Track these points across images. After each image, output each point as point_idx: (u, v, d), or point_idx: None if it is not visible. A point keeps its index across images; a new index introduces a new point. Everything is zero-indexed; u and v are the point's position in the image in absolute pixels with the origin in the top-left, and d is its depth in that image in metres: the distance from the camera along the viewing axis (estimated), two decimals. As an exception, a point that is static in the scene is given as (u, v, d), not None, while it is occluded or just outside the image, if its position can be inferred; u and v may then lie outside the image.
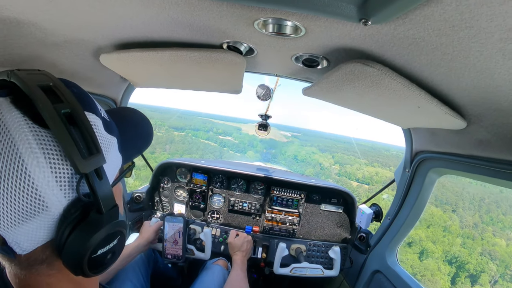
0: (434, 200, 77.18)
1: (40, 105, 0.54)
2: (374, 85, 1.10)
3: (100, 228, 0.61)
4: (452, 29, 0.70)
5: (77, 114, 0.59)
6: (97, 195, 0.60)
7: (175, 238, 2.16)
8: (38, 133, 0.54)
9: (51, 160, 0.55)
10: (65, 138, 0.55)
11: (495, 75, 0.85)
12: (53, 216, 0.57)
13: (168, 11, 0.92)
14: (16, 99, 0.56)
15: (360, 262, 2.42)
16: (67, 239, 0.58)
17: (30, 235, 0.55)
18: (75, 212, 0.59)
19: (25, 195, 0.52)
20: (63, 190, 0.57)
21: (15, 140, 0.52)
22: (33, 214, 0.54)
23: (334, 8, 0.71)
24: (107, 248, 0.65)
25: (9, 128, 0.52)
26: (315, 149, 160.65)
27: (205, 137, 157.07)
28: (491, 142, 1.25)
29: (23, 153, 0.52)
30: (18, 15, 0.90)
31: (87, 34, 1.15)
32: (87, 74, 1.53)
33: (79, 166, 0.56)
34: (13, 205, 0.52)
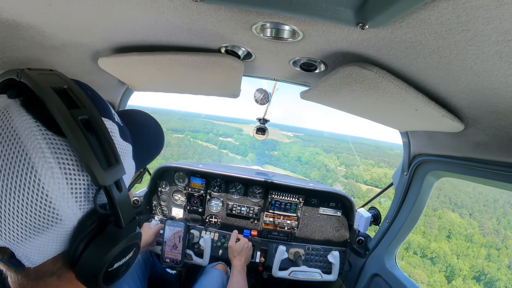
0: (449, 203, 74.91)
1: (55, 110, 0.50)
2: (371, 88, 1.11)
3: (119, 242, 0.58)
4: (449, 32, 0.71)
5: (95, 121, 0.55)
6: (117, 208, 0.56)
7: (175, 243, 2.15)
8: (52, 140, 0.50)
9: (67, 171, 0.51)
10: (84, 147, 0.51)
11: (492, 78, 0.85)
12: (67, 229, 0.53)
13: (167, 16, 0.92)
14: (26, 101, 0.52)
15: (359, 265, 2.41)
16: (83, 252, 0.54)
17: (42, 248, 0.52)
18: (91, 225, 0.55)
19: (37, 207, 0.49)
20: (78, 202, 0.53)
21: (27, 148, 0.48)
22: (46, 227, 0.50)
23: (332, 12, 0.71)
24: (123, 261, 0.63)
25: (20, 135, 0.48)
26: (319, 150, 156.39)
27: (205, 139, 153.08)
28: (488, 144, 1.25)
29: (36, 162, 0.48)
30: (17, 17, 0.90)
31: (86, 38, 1.15)
32: (85, 77, 1.53)
33: (99, 179, 0.52)
34: (25, 218, 0.48)
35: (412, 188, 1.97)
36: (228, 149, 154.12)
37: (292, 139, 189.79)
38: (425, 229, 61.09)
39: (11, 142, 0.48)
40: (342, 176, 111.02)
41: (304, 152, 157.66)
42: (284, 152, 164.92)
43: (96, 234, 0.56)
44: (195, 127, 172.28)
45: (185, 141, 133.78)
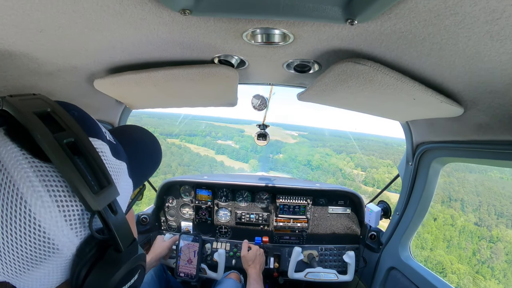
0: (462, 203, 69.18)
1: (38, 136, 0.48)
2: (367, 82, 1.11)
3: (120, 267, 0.56)
4: (438, 18, 0.71)
5: (81, 142, 0.53)
6: (113, 232, 0.54)
7: (190, 257, 2.15)
8: (40, 168, 0.49)
9: (57, 198, 0.49)
10: (71, 172, 0.49)
11: (485, 58, 0.86)
12: (66, 258, 0.51)
13: (157, 32, 0.93)
14: (10, 129, 0.50)
15: (374, 260, 2.39)
16: (85, 280, 0.52)
17: (43, 280, 0.50)
18: (90, 251, 0.53)
19: (31, 239, 0.47)
20: (74, 229, 0.51)
21: (14, 178, 0.46)
22: (43, 259, 0.48)
23: (319, 11, 0.72)
24: (128, 285, 0.61)
25: (5, 165, 0.46)
26: (329, 150, 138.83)
27: (202, 143, 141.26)
28: (490, 124, 1.25)
29: (25, 193, 0.46)
30: (9, 47, 0.91)
31: (79, 61, 1.16)
32: (83, 100, 1.54)
33: (91, 204, 0.50)
34: (20, 250, 0.46)
35: (418, 177, 1.97)
36: (227, 154, 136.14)
37: (297, 138, 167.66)
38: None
39: None
40: (361, 181, 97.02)
41: (314, 154, 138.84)
42: (291, 155, 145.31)
43: (97, 260, 0.54)
44: (192, 130, 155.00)
45: (173, 148, 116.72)
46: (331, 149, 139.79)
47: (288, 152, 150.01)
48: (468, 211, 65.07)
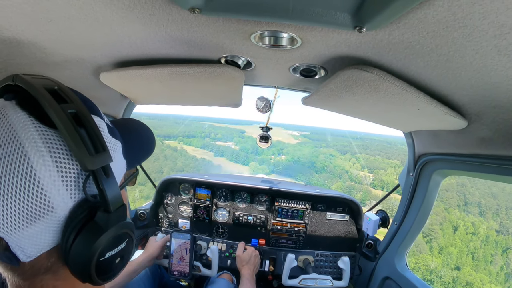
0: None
1: (46, 104, 0.54)
2: (372, 90, 1.11)
3: (108, 228, 0.59)
4: (446, 30, 0.71)
5: (83, 114, 0.58)
6: (104, 192, 0.58)
7: (182, 255, 2.14)
8: (44, 132, 0.54)
9: (57, 159, 0.54)
10: (72, 136, 0.54)
11: (492, 72, 0.85)
12: (59, 219, 0.55)
13: (166, 29, 0.94)
14: (21, 101, 0.56)
15: (370, 269, 2.39)
16: (74, 241, 0.56)
17: (35, 239, 0.53)
18: (81, 214, 0.57)
19: (30, 195, 0.51)
20: (69, 190, 0.55)
21: (21, 139, 0.52)
22: (39, 216, 0.52)
23: (329, 17, 0.72)
24: (115, 251, 0.63)
25: (14, 128, 0.52)
26: (333, 151, 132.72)
27: (200, 145, 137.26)
28: (493, 139, 1.25)
29: (29, 151, 0.51)
30: (18, 35, 0.91)
31: (87, 53, 1.17)
32: (88, 92, 1.53)
33: (86, 163, 0.54)
34: (18, 206, 0.51)
35: (418, 188, 1.96)
36: (226, 156, 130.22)
37: (299, 139, 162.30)
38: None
39: (7, 135, 0.52)
40: (369, 184, 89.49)
41: (317, 155, 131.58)
42: (294, 157, 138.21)
43: (86, 223, 0.57)
44: (191, 132, 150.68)
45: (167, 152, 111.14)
46: (335, 149, 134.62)
47: (291, 153, 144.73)
48: (488, 217, 62.53)
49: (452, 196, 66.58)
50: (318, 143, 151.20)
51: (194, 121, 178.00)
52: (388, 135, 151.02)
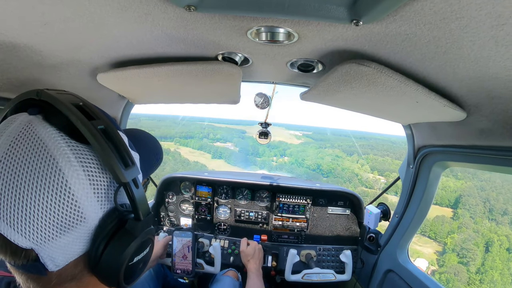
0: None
1: (78, 122, 0.57)
2: (370, 84, 1.11)
3: (138, 234, 0.63)
4: (443, 21, 0.71)
5: (111, 130, 0.62)
6: (136, 202, 0.62)
7: (184, 253, 2.15)
8: (75, 147, 0.57)
9: (89, 172, 0.57)
10: (105, 151, 0.58)
11: (490, 63, 0.85)
12: (89, 228, 0.58)
13: (162, 27, 0.93)
14: (48, 117, 0.58)
15: (372, 262, 2.39)
16: (105, 249, 0.59)
17: (66, 248, 0.56)
18: (112, 222, 0.61)
19: (65, 207, 0.54)
20: (99, 201, 0.59)
21: (54, 154, 0.54)
22: (72, 226, 0.55)
23: (325, 11, 0.72)
24: (141, 256, 0.67)
25: (46, 144, 0.54)
26: (338, 152, 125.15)
27: (197, 146, 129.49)
28: (492, 130, 1.25)
29: (63, 166, 0.54)
30: (13, 39, 0.91)
31: (83, 55, 1.16)
32: (86, 94, 1.54)
33: (120, 176, 0.59)
34: (53, 217, 0.53)
35: (419, 180, 1.97)
36: (224, 158, 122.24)
37: (302, 139, 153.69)
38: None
39: (39, 151, 0.54)
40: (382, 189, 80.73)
41: (323, 156, 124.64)
42: (298, 159, 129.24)
43: (117, 231, 0.61)
44: (189, 132, 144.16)
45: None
46: (340, 150, 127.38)
47: (294, 154, 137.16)
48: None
49: (476, 203, 60.69)
50: (322, 143, 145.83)
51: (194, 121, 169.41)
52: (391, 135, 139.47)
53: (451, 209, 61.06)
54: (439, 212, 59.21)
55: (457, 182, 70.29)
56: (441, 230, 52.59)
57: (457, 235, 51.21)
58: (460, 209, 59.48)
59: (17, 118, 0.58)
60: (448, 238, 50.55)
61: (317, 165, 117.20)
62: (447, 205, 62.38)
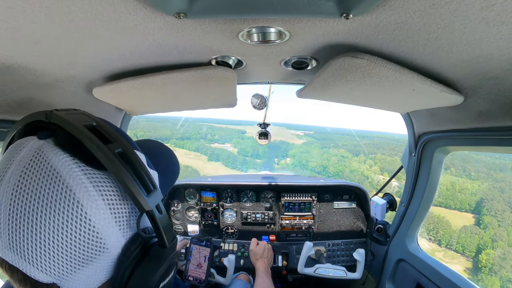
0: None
1: (93, 147, 0.53)
2: (365, 76, 1.11)
3: (165, 261, 0.62)
4: (433, 7, 0.71)
5: (129, 152, 0.58)
6: (160, 229, 0.60)
7: (200, 262, 2.14)
8: (92, 175, 0.54)
9: (110, 201, 0.55)
10: (126, 177, 0.54)
11: (483, 45, 0.85)
12: (112, 257, 0.56)
13: (153, 37, 0.93)
14: (58, 141, 0.55)
15: (382, 253, 2.39)
16: (131, 277, 0.57)
17: (89, 279, 0.55)
18: (135, 250, 0.59)
19: (86, 239, 0.52)
20: (122, 229, 0.57)
21: (70, 184, 0.51)
22: (94, 257, 0.53)
23: (314, 7, 0.71)
24: (166, 280, 0.66)
25: (60, 173, 0.51)
26: (344, 152, 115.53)
27: (194, 148, 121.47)
28: (491, 111, 1.25)
29: (81, 197, 0.51)
30: (6, 60, 0.91)
31: (77, 70, 1.16)
32: (83, 109, 1.54)
33: (143, 204, 0.56)
34: (74, 251, 0.51)
35: (422, 167, 1.97)
36: (222, 160, 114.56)
37: (304, 138, 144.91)
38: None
39: (53, 181, 0.50)
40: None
41: (328, 157, 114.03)
42: (301, 160, 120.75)
43: (142, 258, 0.59)
44: (186, 134, 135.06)
45: None
46: (345, 149, 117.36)
47: (297, 155, 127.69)
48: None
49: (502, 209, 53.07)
50: (325, 143, 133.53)
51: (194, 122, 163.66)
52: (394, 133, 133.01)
53: (473, 215, 55.27)
54: (460, 219, 53.61)
55: (473, 184, 65.29)
56: (470, 243, 46.40)
57: (493, 250, 45.18)
58: (486, 215, 52.30)
59: (27, 144, 0.55)
60: (483, 255, 44.18)
61: (323, 167, 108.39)
62: (468, 210, 56.20)
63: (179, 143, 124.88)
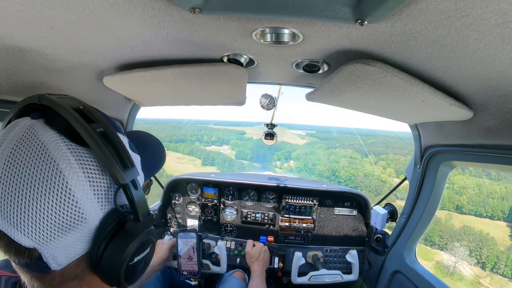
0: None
1: (77, 125, 0.58)
2: (376, 84, 1.11)
3: (138, 235, 0.65)
4: (448, 20, 0.70)
5: (110, 132, 0.63)
6: (135, 203, 0.64)
7: (190, 254, 2.15)
8: (76, 150, 0.59)
9: (89, 175, 0.59)
10: (104, 153, 0.59)
11: (496, 61, 0.85)
12: (90, 229, 0.60)
13: (167, 30, 0.94)
14: (50, 121, 0.60)
15: (379, 263, 2.38)
16: (106, 249, 0.61)
17: (68, 248, 0.57)
18: (112, 223, 0.62)
19: (66, 208, 0.55)
20: (100, 202, 0.61)
21: (55, 157, 0.56)
22: (73, 227, 0.57)
23: (329, 11, 0.72)
24: (142, 256, 0.69)
25: (47, 147, 0.56)
26: (352, 152, 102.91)
27: (187, 151, 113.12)
28: (499, 129, 1.23)
29: (64, 168, 0.56)
30: (20, 43, 0.92)
31: (89, 58, 1.17)
32: (92, 97, 1.56)
33: (119, 178, 0.60)
34: (55, 218, 0.55)
35: (426, 180, 1.95)
36: (217, 164, 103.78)
37: (306, 138, 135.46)
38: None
39: (41, 154, 0.55)
40: None
41: (337, 159, 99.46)
42: (307, 163, 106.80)
43: (117, 232, 0.63)
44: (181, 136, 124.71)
45: None
46: (353, 149, 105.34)
47: (302, 158, 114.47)
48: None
49: None
50: (330, 143, 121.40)
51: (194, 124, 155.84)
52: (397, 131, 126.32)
53: (506, 223, 48.01)
54: (494, 229, 46.81)
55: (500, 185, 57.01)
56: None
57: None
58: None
59: (20, 123, 0.60)
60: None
61: (332, 171, 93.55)
62: (501, 218, 48.79)
63: (173, 146, 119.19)
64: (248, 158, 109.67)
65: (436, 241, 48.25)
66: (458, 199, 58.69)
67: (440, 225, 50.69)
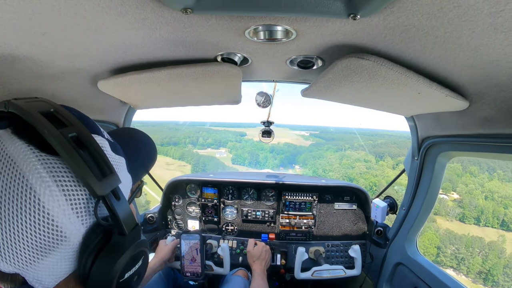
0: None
1: (45, 131, 0.52)
2: (371, 77, 1.11)
3: (125, 250, 0.59)
4: (441, 11, 0.70)
5: (84, 136, 0.57)
6: (118, 216, 0.57)
7: (193, 256, 2.15)
8: (46, 161, 0.52)
9: (64, 187, 0.52)
10: (77, 162, 0.52)
11: (490, 50, 0.85)
12: (73, 246, 0.54)
13: (159, 31, 0.94)
14: (17, 129, 0.54)
15: (381, 256, 2.39)
16: (92, 267, 0.55)
17: (51, 269, 0.53)
18: (96, 238, 0.56)
19: (41, 227, 0.50)
20: (80, 217, 0.54)
21: (23, 171, 0.50)
22: (53, 247, 0.51)
23: (322, 7, 0.71)
24: (133, 270, 0.63)
25: (15, 160, 0.50)
26: (364, 154, 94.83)
27: (178, 155, 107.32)
28: (495, 118, 1.24)
29: (34, 183, 0.49)
30: (13, 51, 0.92)
31: (83, 63, 1.17)
32: (87, 101, 1.55)
33: (96, 189, 0.53)
34: (31, 240, 0.49)
35: (424, 172, 1.96)
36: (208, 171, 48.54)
37: (310, 139, 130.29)
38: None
39: (7, 168, 0.50)
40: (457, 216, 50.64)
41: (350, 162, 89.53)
42: (316, 169, 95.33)
43: (102, 247, 0.57)
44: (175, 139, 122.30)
45: None
46: (366, 152, 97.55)
47: (310, 162, 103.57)
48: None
49: None
50: (338, 144, 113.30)
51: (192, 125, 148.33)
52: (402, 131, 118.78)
53: None
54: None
55: None
56: None
57: None
58: None
59: None
60: None
61: (349, 179, 76.43)
62: None
63: (163, 150, 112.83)
64: (245, 163, 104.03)
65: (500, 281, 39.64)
66: (504, 212, 51.04)
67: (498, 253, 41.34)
